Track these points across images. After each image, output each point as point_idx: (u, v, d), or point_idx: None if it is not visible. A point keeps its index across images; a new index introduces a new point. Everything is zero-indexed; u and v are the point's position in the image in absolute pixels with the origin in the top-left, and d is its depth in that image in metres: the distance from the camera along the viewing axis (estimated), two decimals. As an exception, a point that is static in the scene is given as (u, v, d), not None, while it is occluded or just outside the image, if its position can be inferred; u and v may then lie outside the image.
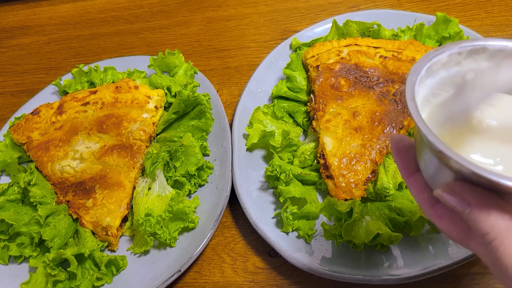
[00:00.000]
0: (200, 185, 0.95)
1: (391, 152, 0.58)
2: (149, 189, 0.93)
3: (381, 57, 1.03)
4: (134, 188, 0.94)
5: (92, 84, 1.17)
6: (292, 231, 0.84)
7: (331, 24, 1.13)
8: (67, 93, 1.15)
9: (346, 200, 0.83)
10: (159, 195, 0.91)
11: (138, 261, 0.86)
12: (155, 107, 1.06)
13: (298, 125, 1.02)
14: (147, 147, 1.00)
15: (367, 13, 1.17)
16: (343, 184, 0.84)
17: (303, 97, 1.04)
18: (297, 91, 1.06)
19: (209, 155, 0.99)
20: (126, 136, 0.99)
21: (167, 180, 0.93)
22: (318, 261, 0.79)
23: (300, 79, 1.07)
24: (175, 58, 1.14)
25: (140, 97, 1.06)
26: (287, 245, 0.82)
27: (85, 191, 0.91)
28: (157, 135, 1.05)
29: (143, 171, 0.97)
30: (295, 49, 1.15)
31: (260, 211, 0.87)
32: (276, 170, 0.87)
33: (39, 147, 1.00)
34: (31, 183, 0.91)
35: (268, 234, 0.83)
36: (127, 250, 0.89)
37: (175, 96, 1.09)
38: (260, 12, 1.37)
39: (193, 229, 0.88)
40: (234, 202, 0.92)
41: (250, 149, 0.97)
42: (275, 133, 0.94)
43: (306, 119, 1.01)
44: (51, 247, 0.84)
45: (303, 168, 0.92)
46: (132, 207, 0.93)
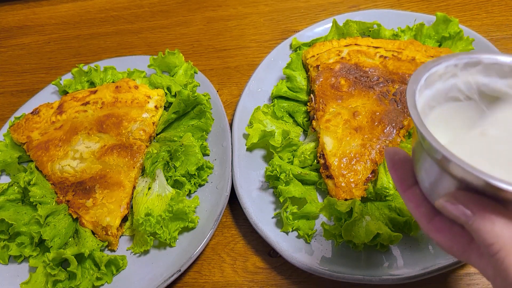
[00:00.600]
0: (200, 185, 0.94)
1: (386, 165, 0.57)
2: (149, 189, 0.93)
3: (381, 57, 1.03)
4: (134, 187, 0.94)
5: (92, 84, 1.17)
6: (292, 231, 0.84)
7: (331, 24, 1.13)
8: (67, 92, 1.15)
9: (346, 200, 0.83)
10: (159, 195, 0.91)
11: (138, 261, 0.86)
12: (155, 106, 1.05)
13: (298, 125, 1.02)
14: (147, 146, 1.00)
15: (367, 13, 1.18)
16: (343, 184, 0.84)
17: (303, 97, 1.04)
18: (297, 91, 1.06)
19: (209, 155, 0.99)
20: (126, 136, 0.99)
21: (167, 180, 0.93)
22: (318, 261, 0.79)
23: (300, 79, 1.07)
24: (175, 58, 1.14)
25: (140, 97, 1.06)
26: (287, 245, 0.82)
27: (85, 191, 0.91)
28: (157, 135, 1.05)
29: (143, 171, 0.97)
30: (295, 49, 1.15)
31: (260, 211, 0.87)
32: (276, 170, 0.87)
33: (39, 146, 1.00)
34: (31, 182, 0.91)
35: (268, 234, 0.83)
36: (127, 250, 0.89)
37: (175, 96, 1.09)
38: (260, 12, 1.37)
39: (193, 229, 0.88)
40: (234, 202, 0.92)
41: (250, 149, 0.97)
42: (275, 133, 0.94)
43: (306, 119, 1.01)
44: (51, 246, 0.84)
45: (303, 168, 0.92)
46: (132, 207, 0.93)
